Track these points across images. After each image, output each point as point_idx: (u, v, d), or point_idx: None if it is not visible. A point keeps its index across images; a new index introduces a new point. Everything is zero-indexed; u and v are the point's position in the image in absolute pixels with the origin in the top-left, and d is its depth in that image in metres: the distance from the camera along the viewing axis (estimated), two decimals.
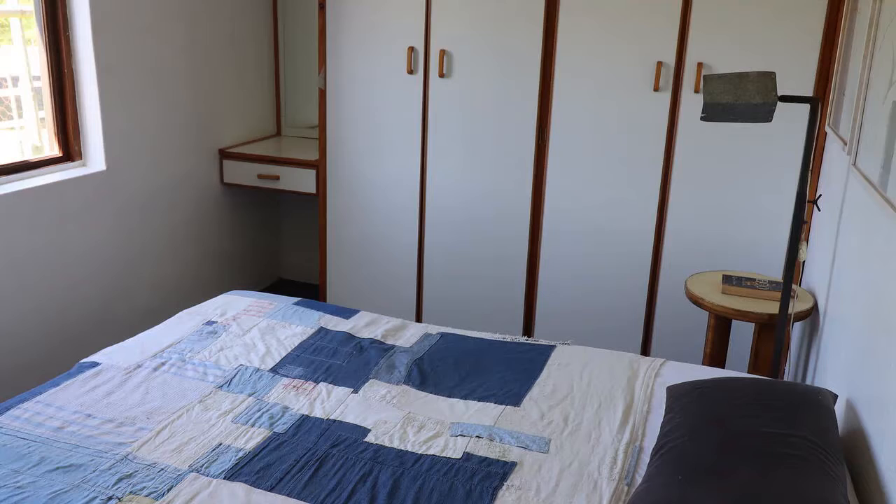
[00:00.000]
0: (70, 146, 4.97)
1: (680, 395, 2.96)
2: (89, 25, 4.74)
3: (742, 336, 4.62)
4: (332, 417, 3.11)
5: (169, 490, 2.62)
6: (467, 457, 2.83)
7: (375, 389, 3.34)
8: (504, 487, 2.66)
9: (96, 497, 2.57)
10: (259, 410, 3.14)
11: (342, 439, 2.95)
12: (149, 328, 4.01)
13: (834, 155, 4.15)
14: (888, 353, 2.54)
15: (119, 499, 2.57)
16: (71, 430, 2.98)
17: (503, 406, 3.20)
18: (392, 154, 5.41)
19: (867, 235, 3.12)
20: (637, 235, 4.93)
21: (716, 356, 4.34)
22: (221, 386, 3.34)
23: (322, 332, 3.90)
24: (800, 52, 4.47)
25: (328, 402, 3.24)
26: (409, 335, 3.91)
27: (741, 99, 3.28)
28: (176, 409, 3.15)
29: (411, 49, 5.16)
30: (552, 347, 3.75)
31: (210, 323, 3.98)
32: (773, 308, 4.02)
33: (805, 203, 3.52)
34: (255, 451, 2.86)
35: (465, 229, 5.32)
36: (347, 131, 5.51)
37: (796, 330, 4.51)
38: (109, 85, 4.93)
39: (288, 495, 2.61)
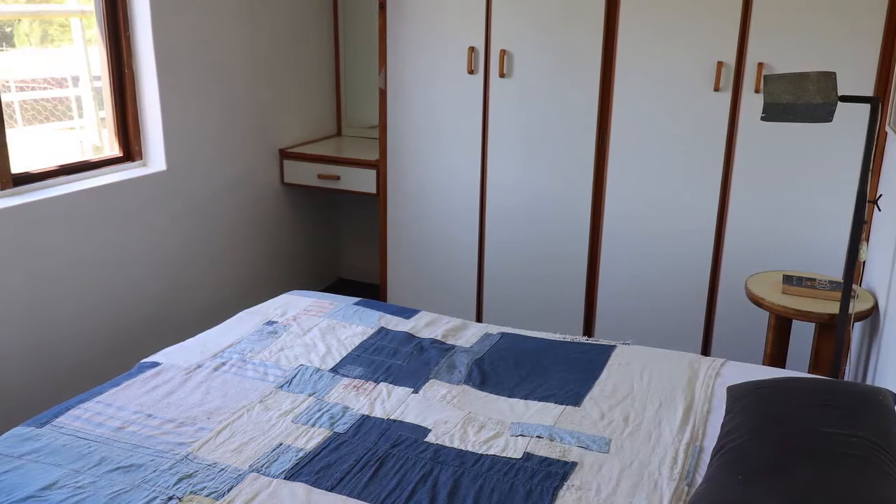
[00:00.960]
0: (130, 146, 5.01)
1: (740, 396, 2.93)
2: (149, 25, 4.78)
3: (802, 336, 4.57)
4: (392, 417, 3.11)
5: (229, 490, 2.64)
6: (527, 457, 2.83)
7: (436, 389, 3.34)
8: (564, 487, 2.65)
9: (156, 497, 2.59)
10: (319, 410, 3.15)
11: (402, 439, 2.95)
12: (209, 328, 4.04)
13: (895, 154, 4.10)
14: None
15: (179, 499, 2.59)
16: (131, 430, 3.00)
17: (563, 406, 3.19)
18: (452, 154, 5.41)
19: None
20: (697, 235, 4.89)
21: (776, 356, 4.31)
22: (282, 386, 3.35)
23: (382, 332, 3.91)
24: (860, 51, 4.42)
25: (388, 402, 3.24)
26: (470, 335, 3.90)
27: (801, 99, 3.26)
28: (236, 408, 3.17)
29: (471, 49, 5.16)
30: (612, 347, 3.73)
31: (270, 323, 4.00)
32: (833, 308, 3.99)
33: (865, 203, 3.49)
34: (315, 451, 2.87)
35: (525, 229, 5.30)
36: (408, 131, 5.51)
37: (856, 330, 4.46)
38: (169, 84, 4.97)
39: (348, 495, 2.61)
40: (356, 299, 4.35)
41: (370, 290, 6.54)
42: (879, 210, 4.08)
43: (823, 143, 4.56)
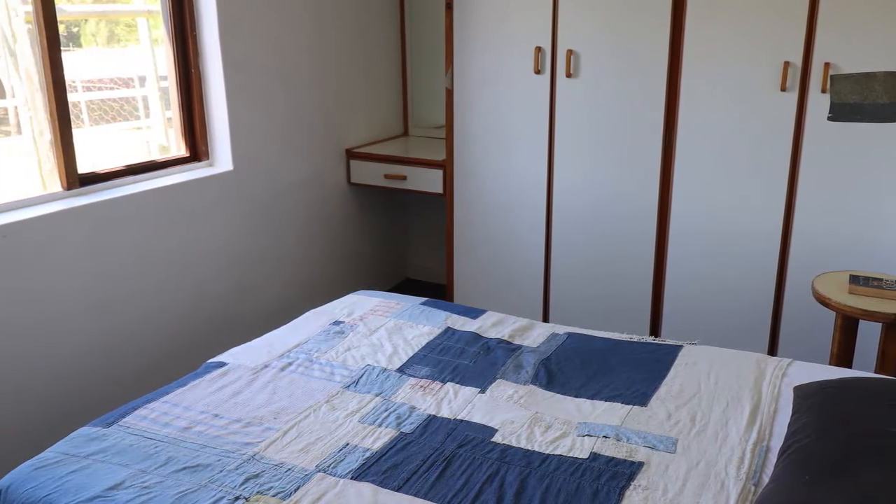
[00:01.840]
0: (197, 146, 5.04)
1: (807, 395, 2.92)
2: (216, 25, 4.81)
3: (869, 336, 4.50)
4: (459, 417, 3.11)
5: (296, 490, 2.64)
6: (594, 457, 2.81)
7: (502, 389, 3.33)
8: (631, 487, 2.64)
9: (223, 497, 2.60)
10: (386, 410, 3.15)
11: (469, 439, 2.94)
12: (276, 328, 4.06)
13: None
14: None
15: (246, 499, 2.60)
16: (198, 430, 3.02)
17: (630, 406, 3.17)
18: (519, 154, 5.39)
19: None
20: (764, 235, 4.84)
21: (842, 356, 4.26)
22: (348, 386, 3.36)
23: (449, 332, 3.90)
24: None
25: (455, 402, 3.23)
26: (536, 335, 3.89)
27: (868, 99, 3.22)
28: (303, 409, 3.18)
29: (538, 49, 5.14)
30: (679, 347, 3.71)
31: (337, 323, 4.01)
32: None
33: None
34: (382, 451, 2.87)
35: (592, 229, 5.27)
36: (474, 131, 5.50)
37: None
38: (236, 84, 5.00)
39: (415, 495, 2.61)
40: (423, 299, 4.35)
41: (437, 290, 6.54)
42: None
43: (891, 144, 4.49)
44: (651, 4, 4.78)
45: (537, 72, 5.18)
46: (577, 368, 3.51)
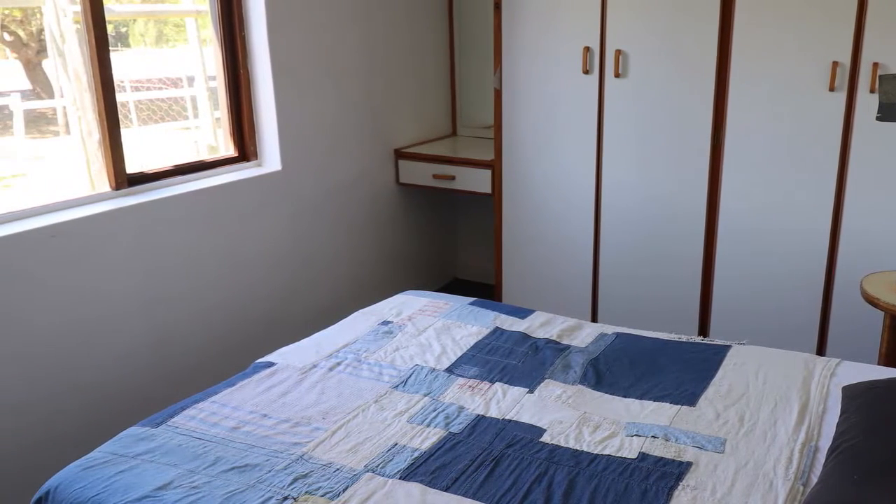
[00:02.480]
0: (245, 146, 5.06)
1: (855, 395, 2.90)
2: (265, 25, 4.82)
3: None
4: (507, 417, 3.10)
5: (344, 490, 2.64)
6: (643, 457, 2.80)
7: (551, 389, 3.32)
8: (679, 487, 2.62)
9: (272, 497, 2.60)
10: (434, 410, 3.15)
11: (518, 439, 2.93)
12: (324, 328, 4.07)
13: None
14: None
15: (294, 499, 2.59)
16: (246, 430, 3.03)
17: (678, 406, 3.16)
18: (567, 154, 5.37)
19: None
20: (812, 235, 4.80)
21: (891, 356, 4.22)
22: (397, 386, 3.35)
23: (497, 332, 3.89)
24: None
25: (504, 402, 3.22)
26: (585, 335, 3.87)
27: None
28: (351, 409, 3.17)
29: (587, 49, 5.12)
30: (728, 347, 3.68)
31: (385, 323, 4.01)
32: None
33: None
34: (430, 451, 2.86)
35: (640, 229, 5.25)
36: (523, 131, 5.49)
37: None
38: (284, 84, 5.01)
39: (463, 495, 2.60)
40: (471, 299, 4.34)
41: (485, 289, 6.53)
42: None
43: None
44: (700, 4, 4.76)
45: (586, 72, 5.16)
46: (625, 368, 3.49)
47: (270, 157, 5.07)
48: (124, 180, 4.37)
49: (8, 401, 3.79)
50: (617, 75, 5.07)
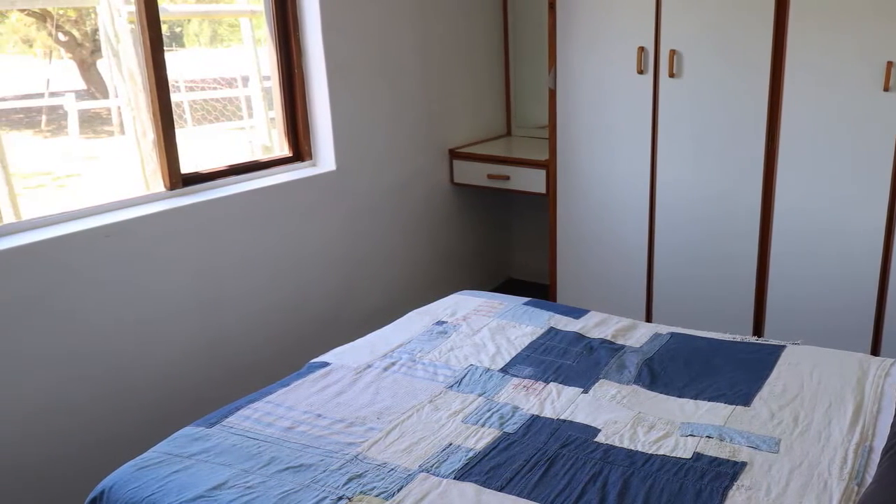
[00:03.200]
0: (300, 146, 5.08)
1: None
2: (319, 25, 4.83)
3: None
4: (562, 417, 3.10)
5: (399, 490, 2.64)
6: (697, 457, 2.79)
7: (605, 389, 3.31)
8: (734, 487, 2.62)
9: (326, 497, 2.61)
10: (489, 410, 3.15)
11: (572, 439, 2.93)
12: (378, 328, 4.08)
13: None
14: None
15: (349, 499, 2.60)
16: (301, 430, 3.04)
17: (733, 406, 3.15)
18: (622, 154, 5.36)
19: None
20: (867, 235, 4.76)
21: None
22: (451, 386, 3.36)
23: (552, 331, 3.89)
24: None
25: (558, 402, 3.22)
26: (639, 335, 3.87)
27: None
28: (406, 409, 3.18)
29: (641, 49, 5.10)
30: (782, 347, 3.66)
31: (440, 323, 4.02)
32: None
33: None
34: (485, 451, 2.87)
35: (695, 228, 5.23)
36: (577, 131, 5.48)
37: None
38: (339, 84, 5.02)
39: (518, 495, 2.60)
40: (526, 299, 4.34)
41: (540, 289, 6.51)
42: None
43: None
44: (754, 3, 4.73)
45: (640, 72, 5.14)
46: (680, 368, 3.49)
47: (325, 157, 5.09)
48: (179, 180, 4.40)
49: (64, 401, 3.82)
50: (671, 75, 5.04)
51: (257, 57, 5.02)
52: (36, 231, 3.80)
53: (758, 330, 5.20)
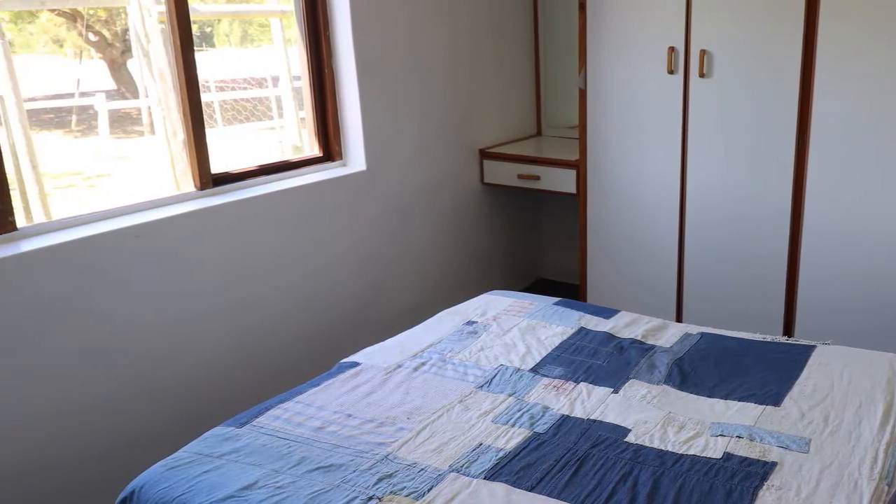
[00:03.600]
0: (330, 146, 5.09)
1: None
2: (349, 25, 4.84)
3: None
4: (592, 417, 3.10)
5: (429, 490, 2.65)
6: (727, 457, 2.80)
7: (636, 389, 3.32)
8: (764, 488, 2.62)
9: (357, 497, 2.62)
10: (519, 410, 3.15)
11: (602, 439, 2.94)
12: (408, 328, 4.09)
13: None
14: None
15: (379, 499, 2.61)
16: (331, 430, 3.05)
17: (763, 406, 3.15)
18: (652, 154, 5.36)
19: None
20: None
21: None
22: (482, 386, 3.36)
23: (582, 332, 3.89)
24: None
25: (588, 402, 3.23)
26: (670, 335, 3.87)
27: None
28: (436, 409, 3.19)
29: (671, 49, 5.09)
30: (812, 347, 3.66)
31: (470, 323, 4.02)
32: None
33: None
34: (515, 451, 2.87)
35: (725, 228, 5.22)
36: (607, 131, 5.48)
37: None
38: (369, 84, 5.03)
39: (548, 495, 2.61)
40: (556, 299, 4.34)
41: (570, 289, 6.51)
42: None
43: None
44: (784, 3, 4.71)
45: (670, 72, 5.13)
46: (710, 368, 3.49)
47: (355, 157, 5.10)
48: (209, 180, 4.42)
49: (94, 401, 3.85)
50: (702, 75, 5.04)
51: (287, 57, 5.03)
52: (66, 231, 3.82)
53: (788, 330, 5.19)
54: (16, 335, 3.54)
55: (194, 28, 4.26)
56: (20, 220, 3.74)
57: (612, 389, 3.32)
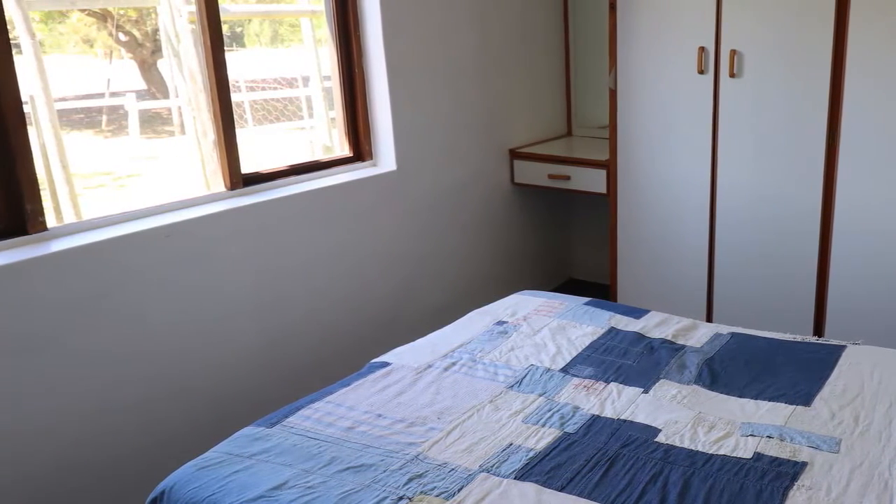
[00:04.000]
0: (360, 146, 5.11)
1: None
2: (380, 25, 4.86)
3: None
4: (622, 417, 3.10)
5: (459, 490, 2.66)
6: (758, 457, 2.80)
7: (666, 389, 3.32)
8: (794, 488, 2.62)
9: (387, 497, 2.63)
10: (550, 410, 3.16)
11: (633, 439, 2.94)
12: (439, 328, 4.10)
13: None
14: None
15: (409, 499, 2.62)
16: (361, 430, 3.06)
17: (793, 406, 3.15)
18: (682, 154, 5.36)
19: None
20: None
21: None
22: (512, 386, 3.37)
23: (612, 331, 3.89)
24: None
25: (618, 401, 3.23)
26: (700, 335, 3.86)
27: None
28: (466, 408, 3.20)
29: (701, 49, 5.09)
30: (843, 347, 3.65)
31: (500, 323, 4.03)
32: None
33: None
34: (545, 451, 2.88)
35: (755, 228, 5.22)
36: (637, 131, 5.48)
37: None
38: (399, 85, 5.05)
39: (578, 495, 2.61)
40: (586, 299, 4.34)
41: (600, 289, 6.51)
42: None
43: None
44: (814, 3, 4.71)
45: (701, 72, 5.13)
46: (740, 368, 3.49)
47: (386, 157, 5.12)
48: (239, 180, 4.44)
49: (126, 400, 3.87)
50: (732, 75, 5.03)
51: (318, 57, 5.05)
52: (96, 231, 3.85)
53: (818, 330, 5.18)
54: (46, 335, 3.56)
55: (225, 28, 4.28)
56: (50, 221, 3.76)
57: (642, 389, 3.32)
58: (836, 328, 5.07)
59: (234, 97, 4.42)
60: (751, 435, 2.93)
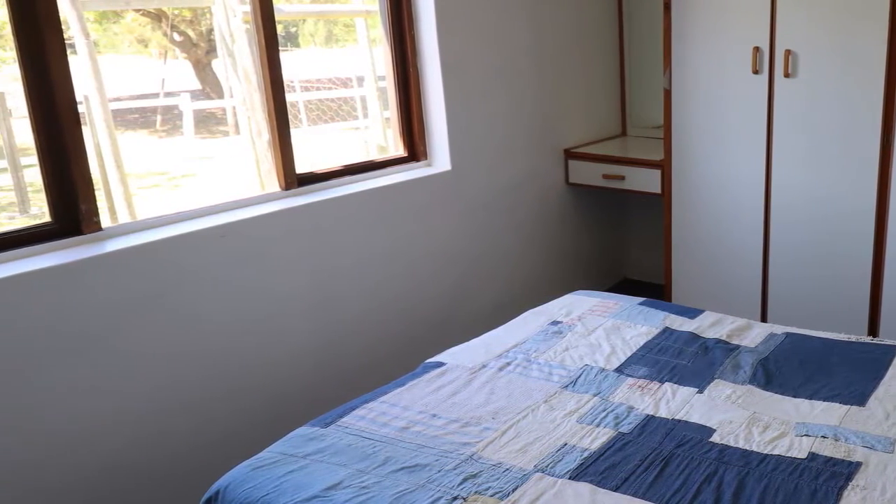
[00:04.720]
0: (415, 146, 5.13)
1: None
2: (434, 25, 4.88)
3: None
4: (676, 417, 3.11)
5: (514, 490, 2.67)
6: (812, 457, 2.79)
7: (720, 389, 3.32)
8: (849, 488, 2.61)
9: (441, 497, 2.65)
10: (604, 410, 3.17)
11: (687, 439, 2.95)
12: (493, 328, 4.11)
13: None
14: None
15: (464, 499, 2.63)
16: (416, 430, 3.08)
17: (848, 406, 3.14)
18: (736, 154, 5.35)
19: None
20: None
21: None
22: (566, 386, 3.38)
23: (667, 331, 3.89)
24: None
25: (673, 402, 3.23)
26: (755, 335, 3.86)
27: None
28: (521, 409, 3.21)
29: (756, 49, 5.08)
30: None
31: (555, 323, 4.04)
32: None
33: None
34: (600, 451, 2.89)
35: (810, 229, 5.20)
36: (692, 131, 5.48)
37: None
38: (454, 84, 5.06)
39: (633, 495, 2.63)
40: (641, 299, 4.35)
41: (655, 289, 6.50)
42: None
43: None
44: (869, 2, 4.69)
45: (755, 72, 5.11)
46: (795, 368, 3.48)
47: (440, 156, 5.13)
48: (294, 180, 4.47)
49: (181, 400, 3.91)
50: (786, 75, 5.01)
51: (372, 57, 5.07)
52: (151, 231, 3.88)
53: (873, 330, 5.16)
54: (100, 335, 3.60)
55: (279, 28, 4.31)
56: (105, 220, 3.79)
57: (696, 389, 3.32)
58: (890, 328, 5.05)
59: (289, 97, 4.44)
60: (805, 435, 2.93)
